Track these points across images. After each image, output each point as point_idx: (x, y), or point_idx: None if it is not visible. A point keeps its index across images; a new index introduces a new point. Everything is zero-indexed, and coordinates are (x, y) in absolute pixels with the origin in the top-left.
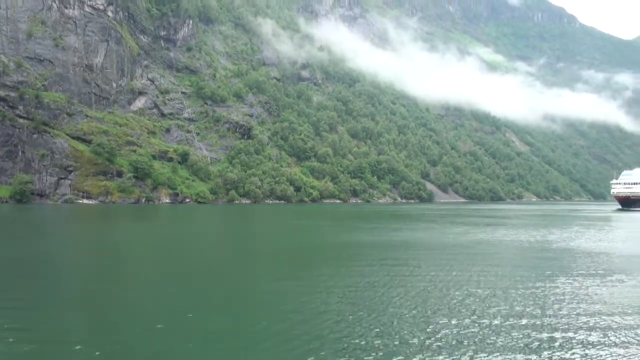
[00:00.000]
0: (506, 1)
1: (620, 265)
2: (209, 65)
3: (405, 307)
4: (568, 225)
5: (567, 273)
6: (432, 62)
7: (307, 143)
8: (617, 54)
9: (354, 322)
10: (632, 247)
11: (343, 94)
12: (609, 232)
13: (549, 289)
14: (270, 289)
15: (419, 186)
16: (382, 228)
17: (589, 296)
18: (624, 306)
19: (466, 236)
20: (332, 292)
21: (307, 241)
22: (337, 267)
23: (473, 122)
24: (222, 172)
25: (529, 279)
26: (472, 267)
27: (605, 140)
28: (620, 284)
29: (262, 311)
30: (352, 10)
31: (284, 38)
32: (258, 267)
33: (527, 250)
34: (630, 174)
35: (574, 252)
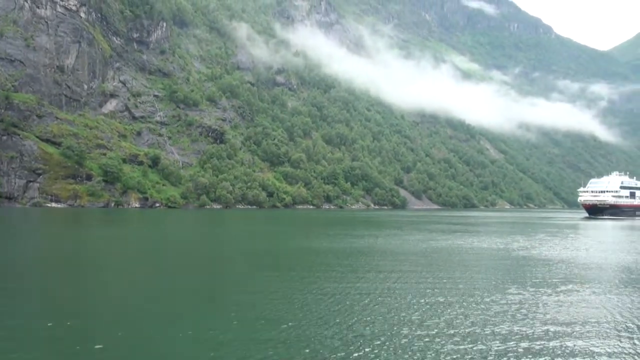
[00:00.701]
0: (482, 11)
1: (577, 274)
2: (182, 68)
3: (327, 315)
4: (534, 233)
5: (518, 282)
6: (408, 69)
7: (280, 148)
8: (592, 65)
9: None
10: (593, 256)
11: (318, 99)
12: (573, 241)
13: (493, 300)
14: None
15: (392, 193)
16: (345, 234)
17: (533, 308)
18: (567, 317)
19: (426, 243)
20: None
21: (260, 248)
22: (278, 274)
23: (448, 129)
24: (193, 177)
25: (473, 288)
26: (418, 275)
27: (579, 149)
28: (571, 295)
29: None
30: (328, 17)
31: (259, 42)
32: (207, 274)
33: (483, 258)
34: (598, 182)
35: (532, 261)
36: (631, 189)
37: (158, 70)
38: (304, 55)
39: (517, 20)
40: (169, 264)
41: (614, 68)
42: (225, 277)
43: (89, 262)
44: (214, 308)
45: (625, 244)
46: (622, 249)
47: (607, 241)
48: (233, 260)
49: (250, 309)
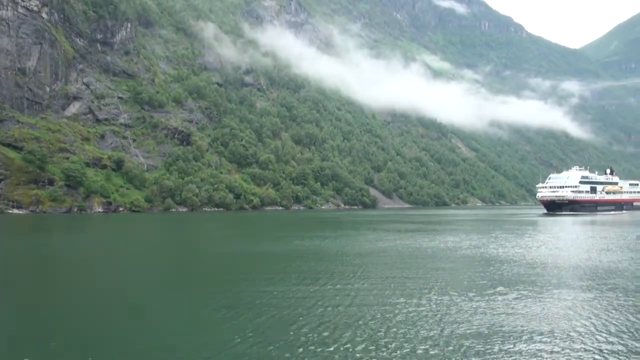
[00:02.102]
0: (454, 10)
1: (515, 275)
2: (148, 69)
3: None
4: (490, 231)
5: (444, 285)
6: (379, 68)
7: (248, 149)
8: (563, 63)
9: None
10: (541, 255)
11: (287, 99)
12: (528, 238)
13: (415, 304)
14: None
15: (362, 192)
16: (296, 236)
17: (444, 314)
18: (481, 324)
19: (374, 244)
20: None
21: (200, 253)
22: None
23: (419, 128)
24: (158, 180)
25: (392, 291)
26: (348, 278)
27: (551, 145)
28: (500, 297)
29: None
30: (298, 17)
31: (227, 42)
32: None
33: (423, 258)
34: (557, 178)
35: (473, 261)
36: (592, 183)
37: (122, 71)
38: (273, 56)
39: (488, 19)
40: (102, 278)
41: (585, 65)
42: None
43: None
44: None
45: (581, 240)
46: (576, 245)
47: (564, 238)
48: (152, 273)
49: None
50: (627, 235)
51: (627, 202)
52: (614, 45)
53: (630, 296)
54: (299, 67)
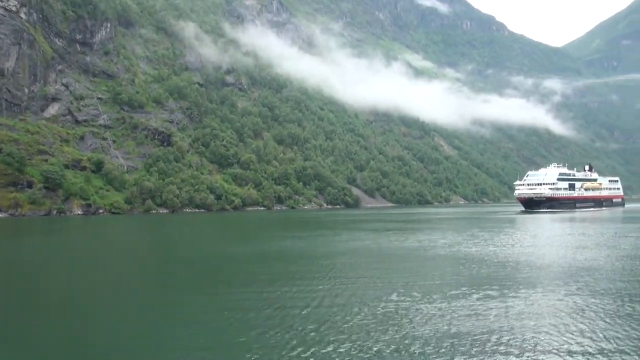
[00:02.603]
0: (436, 9)
1: (486, 276)
2: (128, 69)
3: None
4: (468, 229)
5: (409, 286)
6: (361, 68)
7: (230, 149)
8: (545, 61)
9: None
10: (515, 253)
11: (269, 99)
12: (505, 236)
13: (375, 307)
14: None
15: (345, 192)
16: (272, 237)
17: (402, 317)
18: (430, 327)
19: (348, 244)
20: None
21: (170, 255)
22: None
23: (402, 127)
24: (138, 181)
25: (359, 295)
26: (314, 280)
27: (534, 143)
28: (462, 299)
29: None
30: (280, 16)
31: (208, 42)
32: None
33: (392, 259)
34: (535, 175)
35: (443, 260)
36: (570, 180)
37: (102, 72)
38: (254, 55)
39: (470, 18)
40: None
41: (567, 64)
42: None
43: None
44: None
45: (557, 238)
46: (551, 243)
47: (540, 235)
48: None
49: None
50: (606, 232)
51: (607, 199)
52: (596, 43)
53: (597, 296)
54: (280, 66)
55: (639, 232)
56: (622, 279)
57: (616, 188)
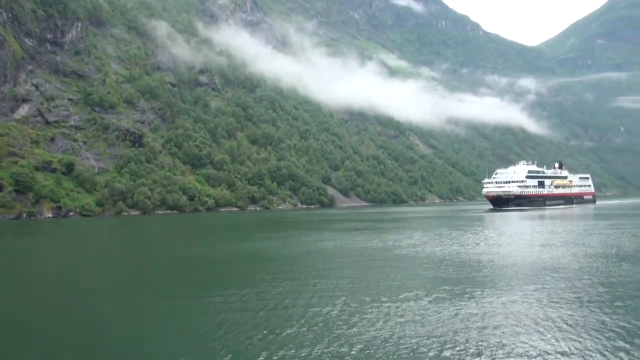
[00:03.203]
0: (411, 9)
1: (444, 276)
2: (99, 70)
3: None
4: (436, 228)
5: (366, 288)
6: (336, 67)
7: (202, 150)
8: (520, 60)
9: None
10: (478, 253)
11: (243, 99)
12: (472, 235)
13: (322, 309)
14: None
15: (319, 191)
16: (238, 238)
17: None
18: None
19: (312, 245)
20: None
21: (129, 258)
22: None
23: (377, 126)
24: (109, 183)
25: (309, 297)
26: (268, 283)
27: (508, 141)
28: (412, 301)
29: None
30: (254, 15)
31: (181, 42)
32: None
33: (355, 260)
34: (504, 173)
35: (406, 261)
36: (539, 178)
37: (73, 72)
38: (228, 55)
39: (445, 18)
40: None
41: (542, 63)
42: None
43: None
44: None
45: (525, 236)
46: (518, 241)
47: (508, 233)
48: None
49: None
50: (574, 230)
51: (578, 196)
52: (571, 43)
53: (555, 296)
54: (254, 66)
55: (607, 229)
56: (584, 278)
57: (587, 185)
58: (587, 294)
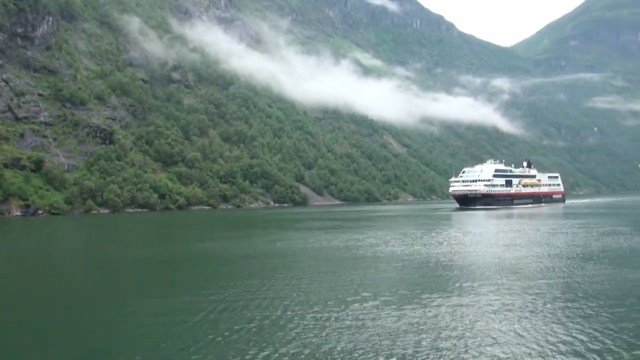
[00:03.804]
0: (386, 8)
1: (398, 278)
2: (70, 65)
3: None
4: (403, 227)
5: (314, 292)
6: (310, 65)
7: (174, 148)
8: (494, 60)
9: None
10: (439, 253)
11: (216, 96)
12: (435, 234)
13: (262, 314)
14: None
15: (292, 190)
16: (200, 238)
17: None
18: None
19: (272, 244)
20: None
21: (80, 259)
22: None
23: (351, 125)
24: (78, 180)
25: (254, 302)
26: (215, 286)
27: (482, 141)
28: (358, 306)
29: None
30: (228, 12)
31: (153, 38)
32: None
33: (311, 260)
34: (471, 171)
35: (362, 262)
36: (507, 177)
37: (43, 67)
38: (201, 52)
39: (420, 18)
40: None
41: (516, 63)
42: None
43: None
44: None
45: (490, 235)
46: (482, 241)
47: (473, 232)
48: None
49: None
50: (541, 229)
51: (546, 195)
52: (545, 44)
53: (509, 299)
54: (228, 63)
55: (574, 229)
56: (543, 279)
57: (556, 184)
58: (542, 298)
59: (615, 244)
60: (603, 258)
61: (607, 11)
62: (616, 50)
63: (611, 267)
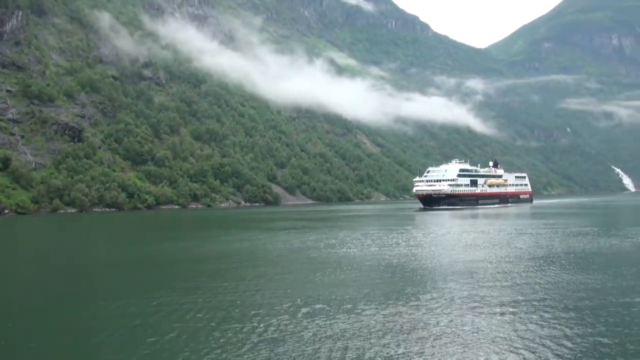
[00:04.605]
0: (361, 8)
1: (339, 284)
2: (39, 61)
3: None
4: (366, 227)
5: (250, 298)
6: (284, 64)
7: (144, 146)
8: (468, 61)
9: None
10: (394, 255)
11: (188, 94)
12: (398, 235)
13: (193, 319)
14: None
15: (264, 189)
16: (156, 239)
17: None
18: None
19: (227, 245)
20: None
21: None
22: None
23: (325, 124)
24: (45, 179)
25: (188, 307)
26: (155, 290)
27: (455, 141)
28: (285, 316)
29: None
30: (202, 10)
31: (125, 34)
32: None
33: (261, 263)
34: (436, 171)
35: (312, 264)
36: (472, 176)
37: (12, 63)
38: (173, 49)
39: (395, 18)
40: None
41: (490, 64)
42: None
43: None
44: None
45: (451, 236)
46: (443, 242)
47: (435, 233)
48: None
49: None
50: (505, 229)
51: (513, 195)
52: (519, 45)
53: (454, 305)
54: (200, 61)
55: (540, 229)
56: (498, 283)
57: (523, 184)
58: (491, 304)
59: (579, 246)
60: (563, 261)
61: (581, 14)
62: (589, 52)
63: (570, 271)
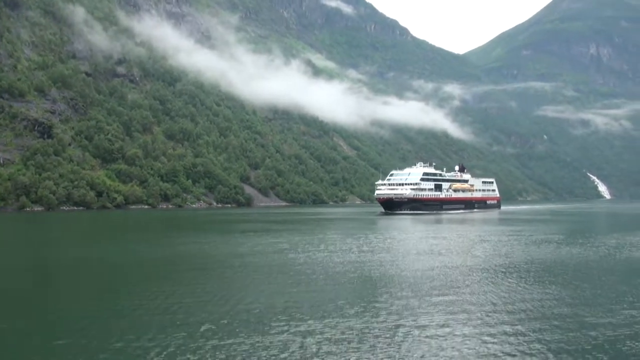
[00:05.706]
0: (340, 10)
1: (275, 292)
2: (10, 54)
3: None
4: (326, 231)
5: (180, 307)
6: (260, 64)
7: (114, 144)
8: (446, 67)
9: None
10: (344, 262)
11: (162, 92)
12: (350, 240)
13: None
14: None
15: (236, 190)
16: (108, 240)
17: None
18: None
19: (175, 248)
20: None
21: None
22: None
23: (301, 125)
24: (12, 176)
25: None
26: (89, 293)
27: (432, 145)
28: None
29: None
30: (179, 7)
31: (99, 29)
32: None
33: (205, 268)
34: (399, 174)
35: (255, 271)
36: (436, 180)
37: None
38: (148, 46)
39: (374, 21)
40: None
41: (467, 70)
42: None
43: None
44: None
45: (409, 242)
46: (398, 249)
47: (394, 239)
48: None
49: None
50: (468, 235)
51: (480, 201)
52: (497, 52)
53: (389, 319)
54: (175, 59)
55: (503, 236)
56: (445, 294)
57: (491, 190)
58: (431, 318)
59: (540, 255)
60: (521, 271)
61: (560, 23)
62: (567, 61)
63: (526, 282)
